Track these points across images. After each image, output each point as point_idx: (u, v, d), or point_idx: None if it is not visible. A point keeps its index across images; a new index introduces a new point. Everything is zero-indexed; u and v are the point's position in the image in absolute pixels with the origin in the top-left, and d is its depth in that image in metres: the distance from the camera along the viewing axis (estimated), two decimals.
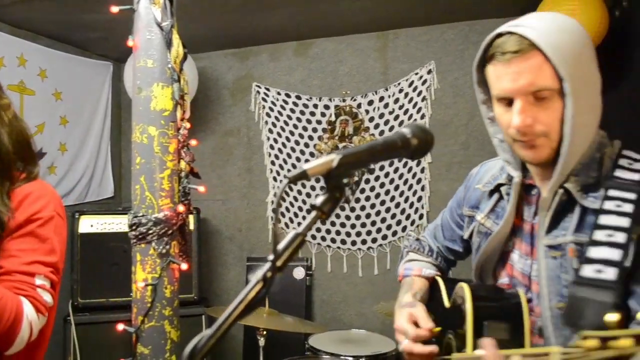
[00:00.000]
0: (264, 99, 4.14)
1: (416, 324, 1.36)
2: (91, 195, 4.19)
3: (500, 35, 1.18)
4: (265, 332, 2.88)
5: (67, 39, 3.90)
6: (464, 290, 1.27)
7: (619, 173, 1.19)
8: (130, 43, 2.04)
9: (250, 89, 4.19)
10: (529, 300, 1.27)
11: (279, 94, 4.09)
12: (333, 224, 3.96)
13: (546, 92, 1.13)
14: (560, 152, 1.18)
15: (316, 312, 4.05)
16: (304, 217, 4.02)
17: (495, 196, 1.40)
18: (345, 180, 0.93)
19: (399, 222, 3.83)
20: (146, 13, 2.04)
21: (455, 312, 1.35)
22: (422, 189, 3.77)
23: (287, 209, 4.06)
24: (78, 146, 4.03)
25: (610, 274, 1.04)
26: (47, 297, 1.40)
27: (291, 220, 4.07)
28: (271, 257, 0.87)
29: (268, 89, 4.12)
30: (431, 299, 1.56)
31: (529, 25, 1.14)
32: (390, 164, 3.83)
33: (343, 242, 3.96)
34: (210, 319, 3.66)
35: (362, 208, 3.90)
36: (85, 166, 4.10)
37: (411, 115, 3.74)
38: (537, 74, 1.12)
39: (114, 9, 2.05)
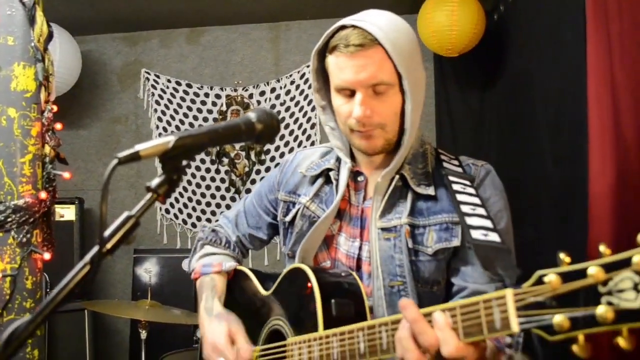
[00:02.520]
0: (153, 86, 4.02)
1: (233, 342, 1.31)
2: None
3: (343, 27, 1.22)
4: (147, 325, 2.81)
5: None
6: (306, 271, 1.26)
7: (447, 166, 1.33)
8: None
9: (139, 75, 4.06)
10: (360, 278, 1.30)
11: (169, 81, 3.99)
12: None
13: (385, 87, 1.20)
14: (402, 143, 1.27)
15: None
16: (193, 208, 3.95)
17: (320, 181, 1.42)
18: (184, 163, 0.92)
19: None
20: None
21: (284, 295, 1.35)
22: None
23: (177, 199, 3.97)
24: None
25: (495, 237, 1.14)
26: None
27: (180, 212, 3.99)
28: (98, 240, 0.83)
29: (158, 76, 4.01)
30: (234, 292, 1.53)
31: (371, 21, 1.20)
32: (282, 156, 3.85)
33: None
34: (94, 313, 3.52)
35: None
36: None
37: (302, 107, 3.78)
38: (379, 69, 1.18)
39: None
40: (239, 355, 1.27)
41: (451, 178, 1.29)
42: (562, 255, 0.76)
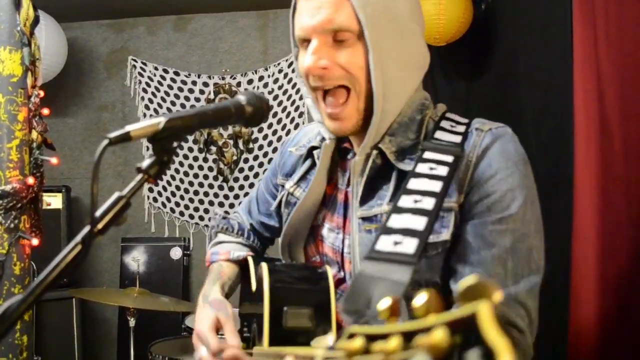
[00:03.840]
0: (140, 74, 3.99)
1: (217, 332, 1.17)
2: None
3: None
4: (135, 312, 2.81)
5: None
6: (263, 270, 1.10)
7: (438, 135, 1.07)
8: None
9: (126, 62, 4.02)
10: (342, 280, 1.15)
11: (156, 69, 3.96)
12: (212, 203, 3.92)
13: (346, 34, 1.02)
14: (375, 110, 1.04)
15: (194, 292, 4.00)
16: (181, 197, 3.94)
17: (308, 162, 1.23)
18: (175, 144, 0.92)
19: None
20: None
21: (258, 296, 1.17)
22: None
23: (165, 188, 3.96)
24: None
25: (410, 246, 0.85)
26: None
27: (168, 200, 3.98)
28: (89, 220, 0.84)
29: (145, 64, 3.98)
30: (243, 283, 1.40)
31: None
32: (269, 144, 3.85)
33: None
34: (82, 301, 3.51)
35: (241, 187, 3.89)
36: None
37: (290, 96, 3.77)
38: (336, 10, 1.01)
39: None
40: (220, 348, 1.10)
41: (425, 155, 1.02)
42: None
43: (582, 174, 1.97)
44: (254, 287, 1.25)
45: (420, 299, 0.46)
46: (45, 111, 1.99)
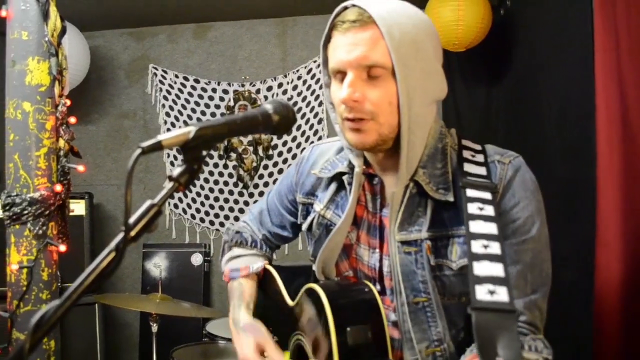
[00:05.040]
0: (161, 82, 4.04)
1: (262, 354, 1.30)
2: None
3: (345, 8, 1.16)
4: (157, 318, 2.84)
5: None
6: (320, 295, 1.21)
7: (467, 168, 1.20)
8: (3, 13, 1.94)
9: (146, 70, 4.07)
10: (381, 293, 1.25)
11: (176, 76, 4.01)
12: (232, 209, 3.95)
13: (379, 70, 1.11)
14: (402, 142, 1.15)
15: (215, 298, 4.03)
16: (202, 203, 3.98)
17: (334, 185, 1.34)
18: (204, 153, 0.94)
19: None
20: None
21: (304, 312, 1.30)
22: None
23: (185, 194, 4.00)
24: None
25: (503, 294, 1.01)
26: None
27: (188, 206, 4.02)
28: (123, 227, 0.85)
29: (165, 71, 4.03)
30: (266, 293, 1.52)
31: (374, 1, 1.13)
32: (289, 151, 3.87)
33: None
34: (104, 306, 3.55)
35: (261, 194, 3.92)
36: None
37: (309, 103, 3.79)
38: (372, 48, 1.10)
39: None
40: None
41: (469, 193, 1.15)
42: None
43: (605, 178, 1.95)
44: (289, 301, 1.39)
45: None
46: (72, 120, 2.03)
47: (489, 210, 1.12)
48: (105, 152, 4.18)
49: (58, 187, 1.94)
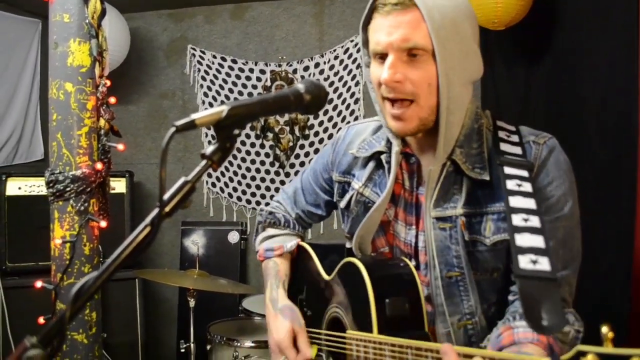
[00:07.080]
0: (199, 62, 4.09)
1: (295, 342, 1.36)
2: (20, 157, 4.05)
3: None
4: (195, 293, 2.90)
5: None
6: (360, 268, 1.24)
7: (504, 147, 1.23)
8: None
9: (185, 51, 4.13)
10: (415, 268, 1.28)
11: (214, 57, 4.04)
12: (268, 188, 3.99)
13: (419, 51, 1.13)
14: (440, 122, 1.18)
15: (251, 275, 4.10)
16: (239, 182, 4.03)
17: (372, 164, 1.37)
18: (236, 132, 0.96)
19: None
20: None
21: (342, 285, 1.35)
22: None
23: (222, 174, 4.06)
24: (4, 106, 3.88)
25: (545, 264, 1.05)
26: None
27: (226, 185, 4.08)
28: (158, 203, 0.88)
29: (203, 52, 4.07)
30: (299, 269, 1.56)
31: None
32: (325, 131, 3.88)
33: None
34: (144, 281, 3.66)
35: (297, 173, 3.92)
36: (13, 127, 3.95)
37: (346, 82, 3.78)
38: (413, 30, 1.12)
39: None
40: (299, 358, 1.33)
41: (506, 170, 1.19)
42: (605, 330, 0.71)
43: None
44: (325, 275, 1.43)
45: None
46: (112, 100, 2.08)
47: (527, 187, 1.16)
48: (145, 131, 4.26)
49: (99, 165, 2.00)
